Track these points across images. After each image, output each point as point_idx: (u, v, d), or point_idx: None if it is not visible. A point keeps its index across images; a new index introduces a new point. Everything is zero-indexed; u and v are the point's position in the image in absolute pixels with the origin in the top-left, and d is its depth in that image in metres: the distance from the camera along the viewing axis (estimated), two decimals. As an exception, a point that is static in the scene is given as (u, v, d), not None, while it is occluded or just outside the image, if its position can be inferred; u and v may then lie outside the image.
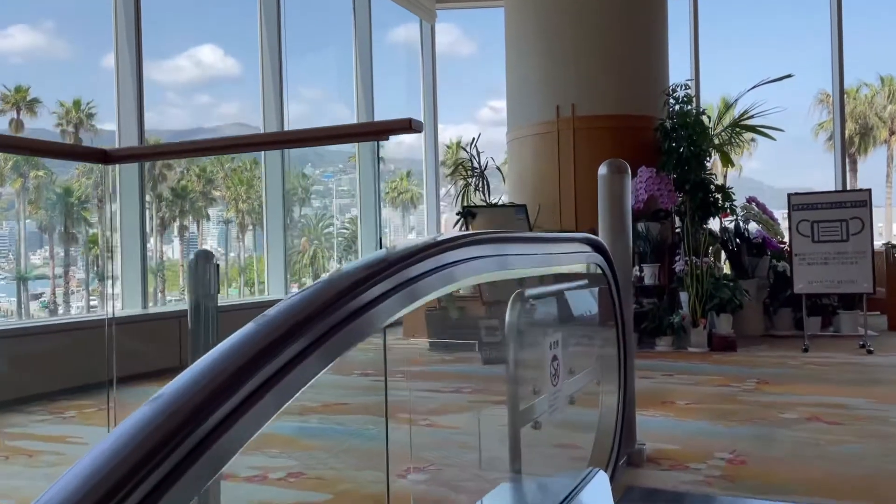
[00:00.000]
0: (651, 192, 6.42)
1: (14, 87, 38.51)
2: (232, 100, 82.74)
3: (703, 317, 5.85)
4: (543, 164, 7.13)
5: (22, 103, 38.57)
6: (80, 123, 42.59)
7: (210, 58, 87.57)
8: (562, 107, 7.01)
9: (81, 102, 43.00)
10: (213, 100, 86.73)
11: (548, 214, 7.01)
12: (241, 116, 73.41)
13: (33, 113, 39.77)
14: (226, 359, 0.63)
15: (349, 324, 0.79)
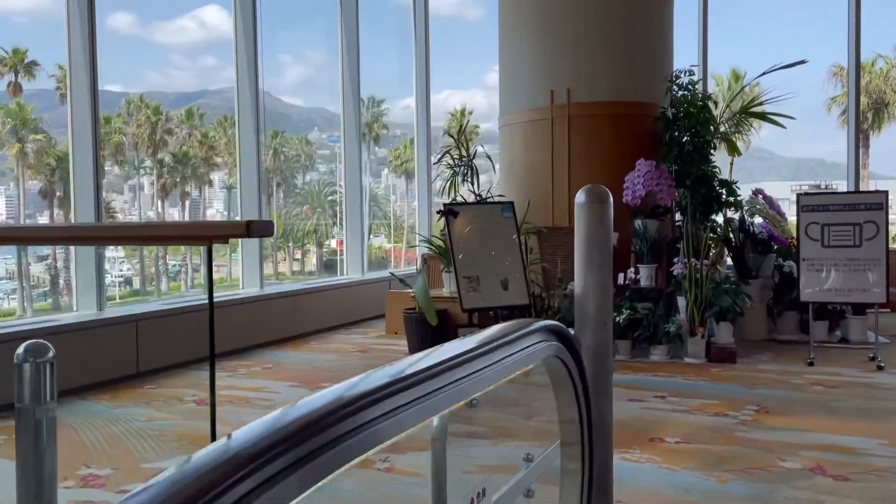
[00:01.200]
0: (650, 187, 5.96)
1: (12, 49, 37.80)
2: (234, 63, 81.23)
3: (702, 325, 5.44)
4: (536, 153, 6.66)
5: (20, 66, 37.90)
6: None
7: (215, 19, 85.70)
8: (556, 92, 6.51)
9: (80, 65, 42.13)
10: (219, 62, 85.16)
11: (540, 210, 6.57)
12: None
13: (31, 76, 39.12)
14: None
15: None
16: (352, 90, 8.48)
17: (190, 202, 48.51)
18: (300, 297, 6.86)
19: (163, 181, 46.89)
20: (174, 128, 47.93)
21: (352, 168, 8.32)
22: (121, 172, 51.75)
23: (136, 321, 5.10)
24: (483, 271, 5.28)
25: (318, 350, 6.09)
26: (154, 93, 68.34)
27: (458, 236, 5.28)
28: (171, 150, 47.16)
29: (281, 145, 54.08)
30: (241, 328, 6.08)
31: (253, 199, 6.99)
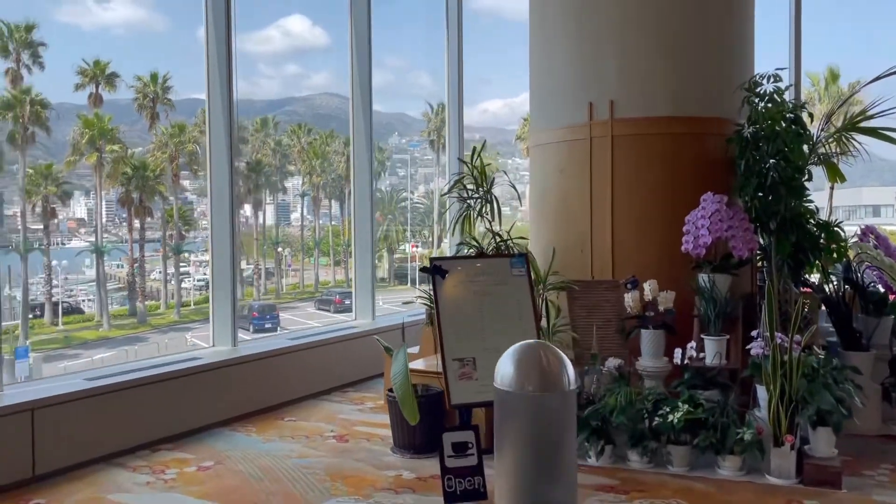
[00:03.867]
0: (718, 232, 4.43)
1: (93, 60, 38.80)
2: (321, 70, 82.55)
3: (791, 432, 3.88)
4: (570, 183, 5.22)
5: (101, 77, 38.81)
6: (156, 97, 42.68)
7: (298, 28, 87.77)
8: (596, 105, 5.06)
9: (159, 76, 43.06)
10: (303, 70, 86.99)
11: (574, 255, 5.13)
12: (330, 86, 73.13)
13: (112, 87, 40.02)
14: None
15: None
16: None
17: (274, 208, 48.94)
18: (283, 357, 5.65)
19: (236, 189, 47.24)
20: (248, 136, 48.32)
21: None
22: (194, 181, 52.72)
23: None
24: (482, 351, 3.90)
25: (287, 433, 4.85)
26: (243, 100, 69.92)
27: (447, 303, 3.93)
28: (245, 159, 47.56)
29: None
30: (204, 400, 4.92)
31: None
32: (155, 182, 40.14)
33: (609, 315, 4.75)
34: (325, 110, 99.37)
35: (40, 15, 59.32)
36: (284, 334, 6.33)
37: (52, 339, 33.70)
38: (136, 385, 4.53)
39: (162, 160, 41.23)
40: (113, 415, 4.37)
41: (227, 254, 5.59)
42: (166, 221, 42.30)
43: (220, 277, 5.58)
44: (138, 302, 38.95)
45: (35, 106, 32.16)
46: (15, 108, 31.64)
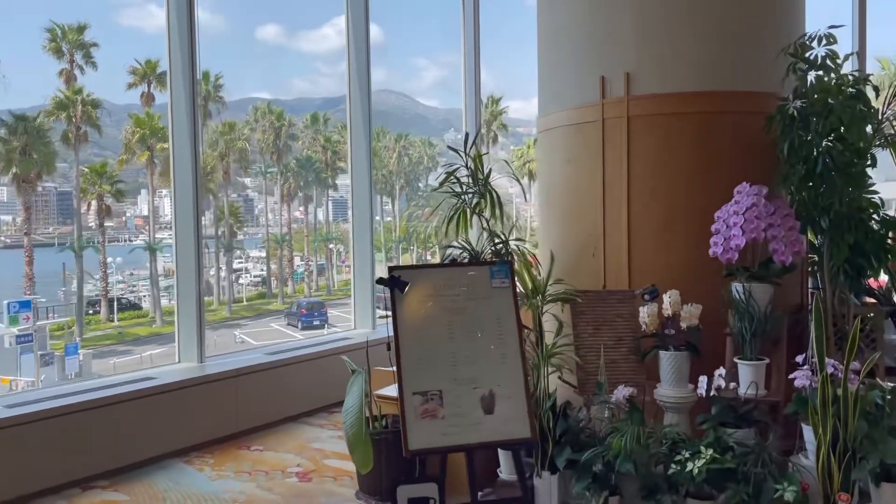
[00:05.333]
0: (755, 232, 3.57)
1: (145, 60, 39.29)
2: (377, 67, 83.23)
3: (846, 489, 3.02)
4: (579, 173, 4.41)
5: (152, 76, 39.31)
6: (208, 96, 43.08)
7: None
8: (609, 80, 4.23)
9: (210, 74, 43.46)
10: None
11: (585, 259, 4.33)
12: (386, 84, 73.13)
13: (163, 86, 40.48)
14: None
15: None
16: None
17: (325, 204, 49.09)
18: (257, 374, 5.03)
19: (287, 185, 47.49)
20: (298, 133, 48.44)
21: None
22: (254, 179, 53.33)
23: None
24: (451, 382, 3.16)
25: (245, 467, 4.21)
26: (303, 98, 70.48)
27: (408, 323, 3.20)
28: (295, 155, 47.70)
29: (405, 148, 53.45)
30: (158, 427, 4.34)
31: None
32: (206, 179, 40.54)
33: (621, 332, 3.94)
34: (382, 107, 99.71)
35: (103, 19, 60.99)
36: (263, 348, 5.69)
37: (106, 335, 34.33)
38: (73, 411, 3.96)
39: (213, 158, 41.65)
40: (41, 446, 3.81)
41: (192, 258, 4.98)
42: (218, 219, 42.76)
43: (184, 284, 4.97)
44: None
45: (86, 106, 32.65)
46: (68, 108, 32.21)
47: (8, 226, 54.20)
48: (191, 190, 5.01)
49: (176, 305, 5.02)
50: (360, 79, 6.49)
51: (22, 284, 31.18)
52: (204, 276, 5.12)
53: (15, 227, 48.83)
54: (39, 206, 54.85)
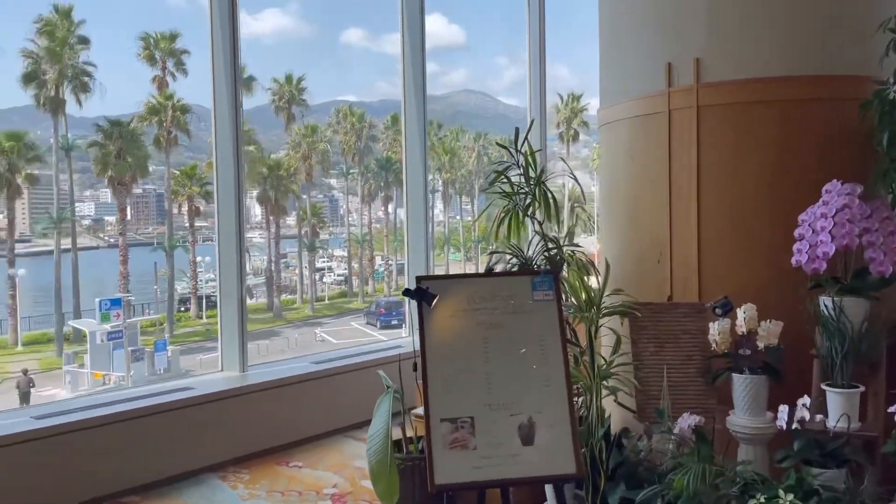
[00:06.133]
0: (847, 238, 3.05)
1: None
2: (458, 67, 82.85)
3: (961, 552, 2.49)
4: (644, 171, 3.97)
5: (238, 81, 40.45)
6: (291, 99, 44.10)
7: (435, 26, 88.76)
8: (677, 66, 3.77)
9: (294, 77, 44.47)
10: (441, 68, 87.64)
11: (649, 266, 3.88)
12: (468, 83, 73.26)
13: (250, 90, 41.70)
14: None
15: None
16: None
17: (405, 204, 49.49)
18: (303, 385, 4.81)
19: (368, 186, 48.06)
20: (378, 134, 48.93)
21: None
22: (330, 178, 54.34)
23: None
24: (484, 408, 2.82)
25: (280, 485, 4.00)
26: (386, 100, 71.77)
27: (436, 340, 2.87)
28: (375, 156, 48.23)
29: (485, 147, 53.15)
30: (194, 440, 4.19)
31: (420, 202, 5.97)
32: (288, 181, 41.50)
33: (688, 351, 3.48)
34: (463, 107, 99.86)
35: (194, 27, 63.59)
36: (309, 357, 5.48)
37: (195, 331, 35.61)
38: (107, 423, 3.84)
39: (295, 160, 42.61)
40: (70, 459, 3.70)
41: (235, 260, 4.82)
42: (301, 219, 43.74)
43: (226, 291, 4.82)
44: (275, 297, 40.46)
45: (177, 111, 33.94)
46: (159, 114, 33.58)
47: (111, 226, 57.31)
48: (233, 197, 4.86)
49: (218, 313, 4.88)
50: (416, 82, 6.22)
51: (117, 283, 32.76)
52: (246, 281, 4.96)
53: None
54: (139, 207, 57.69)
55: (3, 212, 33.37)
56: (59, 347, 28.24)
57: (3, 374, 26.31)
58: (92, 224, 58.42)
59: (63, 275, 30.66)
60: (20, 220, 39.26)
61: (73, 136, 34.23)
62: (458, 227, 53.60)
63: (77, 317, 29.86)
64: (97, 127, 32.87)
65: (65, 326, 29.41)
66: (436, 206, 51.89)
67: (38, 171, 33.26)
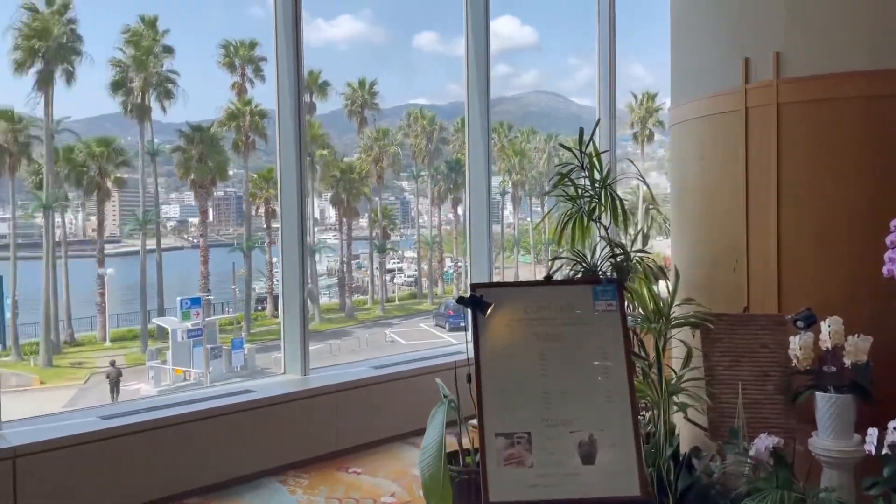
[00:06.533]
0: (947, 247, 2.77)
1: (308, 71, 41.44)
2: (530, 68, 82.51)
3: None
4: (718, 172, 3.74)
5: (314, 87, 41.42)
6: (364, 103, 44.74)
7: (508, 28, 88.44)
8: (755, 61, 3.53)
9: (367, 82, 45.12)
10: (513, 69, 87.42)
11: (723, 274, 3.65)
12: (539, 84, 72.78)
13: (324, 95, 42.56)
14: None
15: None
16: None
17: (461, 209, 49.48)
18: (366, 389, 4.78)
19: (438, 188, 48.25)
20: (449, 137, 49.03)
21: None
22: (402, 181, 54.86)
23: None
24: (541, 423, 2.68)
25: (338, 492, 3.96)
26: (457, 103, 72.50)
27: (491, 351, 2.75)
28: (445, 159, 48.36)
29: (555, 149, 52.55)
30: (255, 443, 4.20)
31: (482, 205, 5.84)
32: (360, 184, 42.09)
33: (766, 367, 3.24)
34: (534, 108, 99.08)
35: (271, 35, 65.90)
36: (370, 361, 5.45)
37: (270, 330, 36.54)
38: (167, 424, 3.90)
39: (367, 163, 43.18)
40: (130, 460, 3.77)
41: (297, 262, 4.83)
42: (373, 221, 44.30)
43: (289, 295, 4.84)
44: (347, 297, 41.12)
45: (254, 116, 34.94)
46: (238, 119, 34.66)
47: (194, 227, 59.64)
48: (295, 203, 4.88)
49: (281, 316, 4.91)
50: (480, 84, 6.13)
51: (198, 282, 33.98)
52: (308, 284, 4.97)
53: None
54: (221, 209, 59.76)
55: (93, 213, 35.11)
56: (144, 344, 29.48)
57: (93, 369, 27.65)
58: (177, 225, 60.75)
59: (148, 274, 31.99)
60: (110, 222, 41.32)
61: (159, 141, 35.73)
62: (528, 229, 53.20)
63: (161, 315, 31.10)
64: (180, 132, 34.23)
65: (149, 324, 30.69)
66: (505, 208, 51.72)
67: (127, 175, 34.85)
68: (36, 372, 26.72)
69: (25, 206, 32.55)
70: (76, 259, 32.99)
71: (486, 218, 6.05)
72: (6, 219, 33.20)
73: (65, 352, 29.46)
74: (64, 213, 33.03)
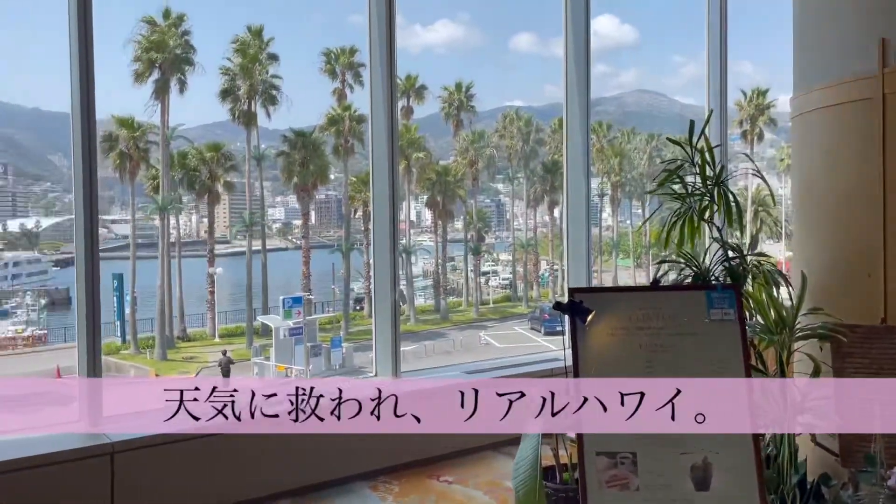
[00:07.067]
0: None
1: (405, 75, 42.00)
2: (630, 67, 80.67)
3: None
4: (849, 167, 3.35)
5: (411, 91, 41.97)
6: (460, 106, 44.90)
7: (607, 27, 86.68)
8: (894, 43, 3.14)
9: (463, 85, 45.29)
10: (612, 69, 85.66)
11: (856, 281, 3.27)
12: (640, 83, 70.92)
13: (421, 99, 43.05)
14: None
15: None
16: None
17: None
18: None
19: (534, 190, 47.77)
20: (546, 137, 48.45)
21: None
22: (497, 183, 54.70)
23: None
24: (647, 441, 2.44)
25: (426, 500, 3.84)
26: (557, 104, 71.91)
27: (591, 362, 2.53)
28: (541, 160, 47.83)
29: (657, 149, 50.93)
30: (346, 446, 4.14)
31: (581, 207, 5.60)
32: (455, 186, 42.21)
33: (909, 386, 2.86)
34: (635, 107, 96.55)
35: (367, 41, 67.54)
36: (462, 365, 5.30)
37: (367, 330, 37.25)
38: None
39: (462, 165, 43.27)
40: (218, 462, 3.78)
41: (388, 264, 4.74)
42: (468, 223, 44.35)
43: (381, 291, 4.77)
44: (442, 299, 41.35)
45: (353, 121, 35.73)
46: (338, 124, 35.53)
47: (297, 229, 61.74)
48: (387, 206, 4.81)
49: (373, 321, 4.85)
50: (579, 84, 5.87)
51: (300, 282, 35.10)
52: (399, 287, 4.88)
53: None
54: (322, 211, 61.64)
55: (205, 216, 36.94)
56: (249, 340, 30.69)
57: (203, 363, 29.02)
58: (281, 227, 62.97)
59: (254, 273, 33.31)
60: (220, 224, 43.34)
61: (264, 146, 37.15)
62: (627, 231, 51.82)
63: (265, 313, 32.29)
64: (284, 137, 35.46)
65: (254, 321, 31.93)
66: (604, 210, 50.57)
67: (235, 179, 36.47)
68: (152, 365, 28.32)
69: (144, 209, 34.58)
70: (189, 258, 34.75)
71: (585, 220, 5.79)
72: (127, 220, 35.45)
73: (178, 346, 31.09)
74: (178, 214, 34.88)
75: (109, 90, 53.25)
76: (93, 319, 3.72)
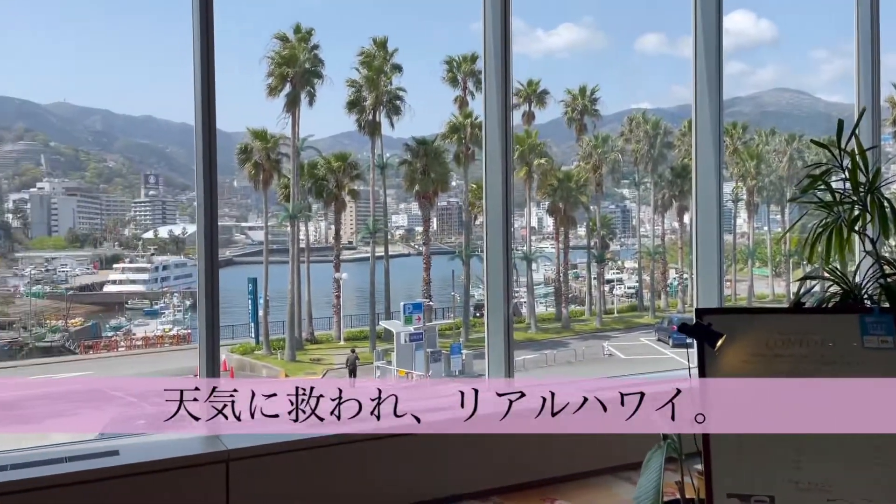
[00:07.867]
0: None
1: (527, 81, 41.81)
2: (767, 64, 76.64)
3: None
4: None
5: (533, 96, 41.73)
6: (584, 110, 44.16)
7: (742, 24, 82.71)
8: None
9: (587, 89, 44.54)
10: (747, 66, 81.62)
11: None
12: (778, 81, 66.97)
13: (542, 104, 42.68)
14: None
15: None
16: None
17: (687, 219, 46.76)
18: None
19: (662, 195, 46.09)
20: (675, 141, 46.66)
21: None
22: (623, 188, 53.29)
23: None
24: (788, 485, 2.15)
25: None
26: (684, 106, 69.49)
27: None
28: (669, 164, 46.10)
29: (798, 151, 47.74)
30: (462, 461, 4.05)
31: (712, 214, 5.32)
32: (577, 192, 41.43)
33: None
34: (773, 107, 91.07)
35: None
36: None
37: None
38: (373, 438, 3.85)
39: (586, 170, 42.42)
40: (336, 470, 3.77)
41: (501, 268, 4.64)
42: (591, 230, 43.41)
43: (494, 295, 4.68)
44: (563, 307, 40.67)
45: (474, 128, 35.93)
46: (459, 131, 35.88)
47: (420, 236, 63.09)
48: (500, 214, 4.69)
49: (486, 330, 4.74)
50: (710, 84, 5.51)
51: (420, 288, 35.71)
52: (513, 293, 4.77)
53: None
54: (444, 218, 62.61)
55: (332, 223, 38.42)
56: (372, 344, 31.51)
57: (329, 365, 30.10)
58: (405, 234, 64.44)
59: (377, 279, 34.21)
60: (346, 230, 44.94)
61: (388, 154, 38.15)
62: (765, 239, 48.86)
63: (388, 318, 33.08)
64: (406, 146, 36.27)
65: (377, 326, 32.78)
66: (739, 216, 47.97)
67: (360, 188, 37.70)
68: (281, 365, 29.71)
69: (276, 216, 36.42)
70: (316, 264, 36.23)
71: (717, 227, 5.40)
72: (261, 227, 37.47)
73: (306, 348, 32.43)
74: (308, 221, 36.48)
75: (246, 104, 55.81)
76: (212, 322, 3.85)
